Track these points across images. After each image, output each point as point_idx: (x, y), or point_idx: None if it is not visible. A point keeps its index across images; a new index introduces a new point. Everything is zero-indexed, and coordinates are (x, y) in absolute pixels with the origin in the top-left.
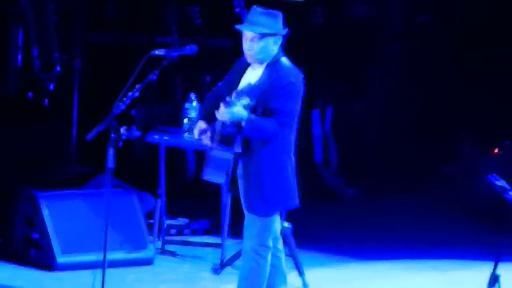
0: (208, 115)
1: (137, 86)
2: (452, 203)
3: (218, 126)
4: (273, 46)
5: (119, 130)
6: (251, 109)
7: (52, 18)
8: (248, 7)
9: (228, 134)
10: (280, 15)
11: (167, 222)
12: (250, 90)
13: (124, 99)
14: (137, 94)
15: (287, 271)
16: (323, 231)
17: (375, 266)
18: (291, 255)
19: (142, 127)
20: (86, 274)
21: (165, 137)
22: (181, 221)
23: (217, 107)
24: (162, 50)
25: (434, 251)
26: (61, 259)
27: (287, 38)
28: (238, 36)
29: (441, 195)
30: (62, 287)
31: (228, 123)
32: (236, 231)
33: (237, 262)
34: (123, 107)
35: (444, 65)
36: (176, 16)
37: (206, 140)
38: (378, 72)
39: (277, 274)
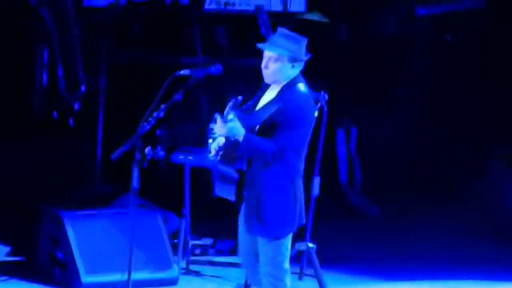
0: None
1: (162, 106)
2: (479, 221)
3: (222, 143)
4: (290, 70)
5: (144, 150)
6: (257, 129)
7: (77, 37)
8: (274, 28)
9: (229, 151)
10: (304, 40)
11: (192, 242)
12: (260, 110)
13: (149, 119)
14: (162, 114)
15: None
16: (347, 250)
17: (399, 287)
18: (315, 275)
19: (167, 147)
20: None
21: (190, 157)
22: (206, 241)
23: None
24: (187, 70)
25: (459, 271)
26: (85, 278)
27: (312, 58)
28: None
29: (467, 213)
30: None
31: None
32: None
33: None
34: (148, 127)
35: (470, 81)
36: (202, 36)
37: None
38: (404, 91)
39: None
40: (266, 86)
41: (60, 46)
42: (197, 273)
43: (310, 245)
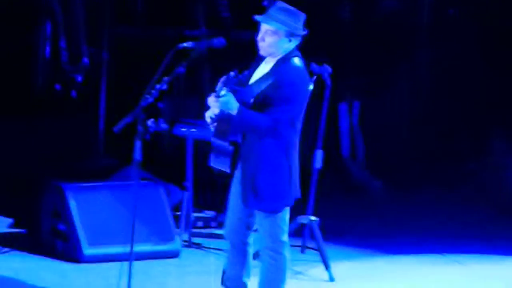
0: None
1: (165, 78)
2: (480, 197)
3: (215, 116)
4: (287, 43)
5: (147, 123)
6: (251, 102)
7: (80, 10)
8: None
9: (223, 125)
10: (301, 15)
11: (194, 214)
12: (254, 84)
13: (152, 91)
14: (164, 86)
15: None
16: (349, 224)
17: (401, 260)
18: (317, 248)
19: (170, 120)
20: (112, 266)
21: (193, 130)
22: (208, 213)
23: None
24: (190, 42)
25: (460, 245)
26: (87, 251)
27: (316, 32)
28: None
29: (469, 188)
30: (88, 279)
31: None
32: None
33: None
34: (150, 99)
35: (472, 57)
36: (204, 9)
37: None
38: (406, 65)
39: (244, 265)
40: (261, 59)
41: (63, 19)
42: (199, 246)
43: (313, 218)
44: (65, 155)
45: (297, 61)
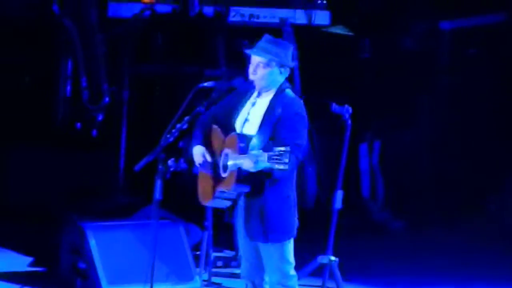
0: (206, 141)
1: (186, 118)
2: (501, 236)
3: (234, 168)
4: (279, 76)
5: (167, 162)
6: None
7: (101, 49)
8: (297, 39)
9: (243, 174)
10: (290, 47)
11: (214, 254)
12: (263, 126)
13: (173, 130)
14: (185, 126)
15: None
16: (369, 264)
17: None
18: None
19: (190, 159)
20: None
21: None
22: (228, 253)
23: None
24: (211, 82)
25: (480, 285)
26: None
27: (337, 72)
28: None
29: (488, 227)
30: None
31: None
32: None
33: None
34: (171, 139)
35: (492, 97)
36: (225, 48)
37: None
38: (426, 106)
39: None
40: (245, 92)
41: (84, 57)
42: (219, 286)
43: (332, 258)
44: (86, 193)
45: (290, 92)
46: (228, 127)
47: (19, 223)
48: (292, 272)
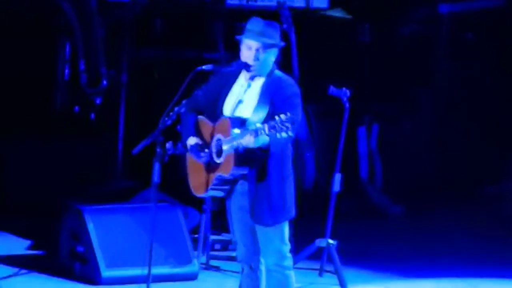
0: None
1: (184, 101)
2: (499, 221)
3: (230, 151)
4: (273, 58)
5: (165, 145)
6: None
7: (99, 32)
8: (295, 23)
9: (240, 156)
10: (279, 26)
11: (212, 237)
12: (258, 107)
13: (171, 114)
14: (183, 109)
15: None
16: (368, 248)
17: (419, 284)
18: (335, 271)
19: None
20: None
21: None
22: (226, 236)
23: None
24: (209, 65)
25: (480, 269)
26: (105, 273)
27: (336, 55)
28: (284, 51)
29: (486, 213)
30: None
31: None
32: None
33: None
34: (169, 122)
35: (492, 83)
36: (223, 31)
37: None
38: (426, 90)
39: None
40: (230, 75)
41: (82, 41)
42: (217, 268)
43: (331, 241)
44: (84, 177)
45: (280, 73)
46: (214, 114)
47: (18, 209)
48: (288, 253)
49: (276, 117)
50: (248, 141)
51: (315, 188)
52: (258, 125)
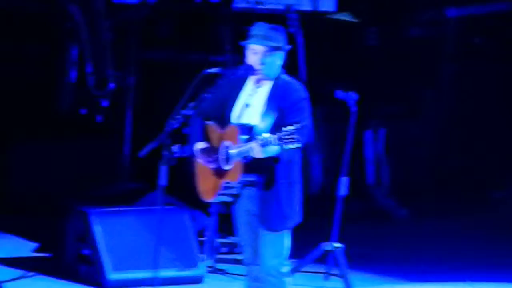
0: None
1: (191, 104)
2: (505, 225)
3: (238, 158)
4: (279, 61)
5: (172, 148)
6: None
7: (106, 35)
8: (302, 26)
9: (248, 163)
10: (284, 30)
11: (218, 240)
12: (266, 112)
13: (178, 117)
14: (190, 112)
15: None
16: (374, 251)
17: None
18: (341, 275)
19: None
20: None
21: None
22: (232, 239)
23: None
24: (216, 68)
25: (483, 274)
26: (111, 275)
27: (343, 59)
28: (291, 54)
29: (494, 217)
30: None
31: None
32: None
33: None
34: (176, 125)
35: (499, 86)
36: (230, 34)
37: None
38: (432, 93)
39: None
40: (237, 81)
41: (89, 43)
42: (223, 272)
43: (337, 245)
44: (91, 179)
45: (287, 77)
46: (222, 119)
47: (24, 211)
48: (286, 260)
49: (284, 129)
50: (257, 151)
51: (322, 192)
52: (267, 135)
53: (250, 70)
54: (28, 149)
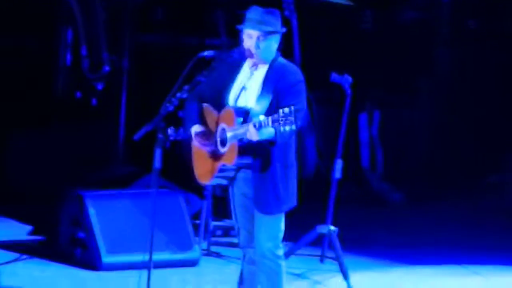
0: (200, 116)
1: (186, 87)
2: (499, 208)
3: (234, 141)
4: (275, 45)
5: (167, 131)
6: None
7: (101, 18)
8: (297, 9)
9: (244, 145)
10: (279, 13)
11: (213, 223)
12: (261, 95)
13: (172, 100)
14: (185, 95)
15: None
16: (368, 234)
17: (419, 271)
18: (336, 258)
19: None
20: (131, 275)
21: None
22: (227, 222)
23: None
24: (211, 51)
25: (480, 256)
26: (106, 259)
27: (338, 42)
28: (286, 38)
29: (488, 200)
30: (106, 287)
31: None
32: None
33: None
34: (171, 108)
35: (493, 71)
36: (225, 18)
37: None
38: (427, 78)
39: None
40: (233, 64)
41: (84, 26)
42: (218, 254)
43: (332, 228)
44: (85, 162)
45: (283, 60)
46: (218, 103)
47: (18, 195)
48: (281, 243)
49: (280, 111)
50: (252, 134)
51: (316, 175)
52: (262, 117)
53: (246, 54)
54: (22, 133)
